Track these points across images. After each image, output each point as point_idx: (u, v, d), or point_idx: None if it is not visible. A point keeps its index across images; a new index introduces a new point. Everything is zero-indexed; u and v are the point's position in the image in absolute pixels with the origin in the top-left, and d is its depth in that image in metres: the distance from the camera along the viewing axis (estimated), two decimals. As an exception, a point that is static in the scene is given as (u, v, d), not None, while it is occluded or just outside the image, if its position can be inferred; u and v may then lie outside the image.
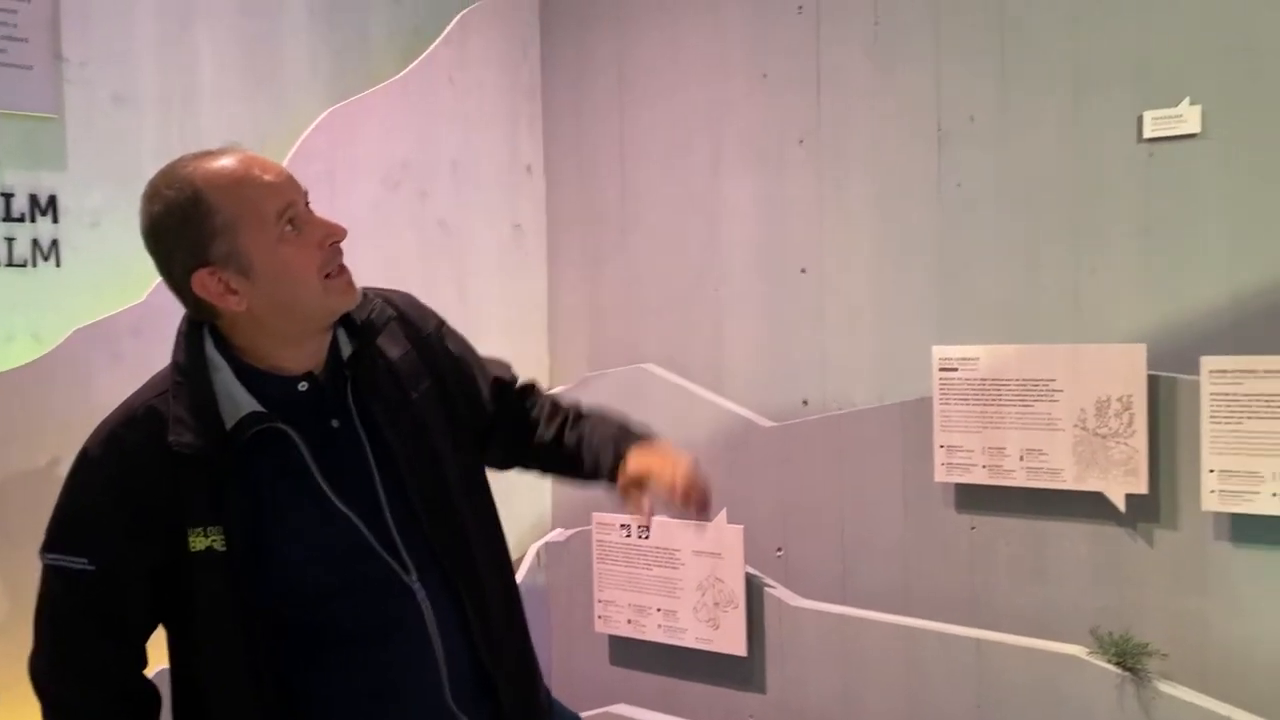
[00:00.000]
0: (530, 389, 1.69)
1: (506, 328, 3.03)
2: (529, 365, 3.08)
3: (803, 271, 2.74)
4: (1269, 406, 2.12)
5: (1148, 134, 2.29)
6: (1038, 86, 2.41)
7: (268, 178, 1.32)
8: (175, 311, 1.39)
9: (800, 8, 2.70)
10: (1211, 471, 2.18)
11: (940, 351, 2.48)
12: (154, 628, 1.40)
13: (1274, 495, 2.12)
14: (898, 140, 2.59)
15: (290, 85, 2.62)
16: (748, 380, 2.82)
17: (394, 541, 1.38)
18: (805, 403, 2.75)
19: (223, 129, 2.42)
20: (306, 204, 1.35)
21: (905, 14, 2.56)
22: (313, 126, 2.60)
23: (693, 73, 2.88)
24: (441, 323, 1.58)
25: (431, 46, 2.88)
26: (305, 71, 2.65)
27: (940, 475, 2.49)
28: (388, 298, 1.51)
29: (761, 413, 2.79)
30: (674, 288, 2.94)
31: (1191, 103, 2.24)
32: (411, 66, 2.83)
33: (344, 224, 1.37)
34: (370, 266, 1.51)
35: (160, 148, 2.28)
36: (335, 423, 1.38)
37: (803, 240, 2.73)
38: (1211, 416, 2.17)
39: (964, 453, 2.45)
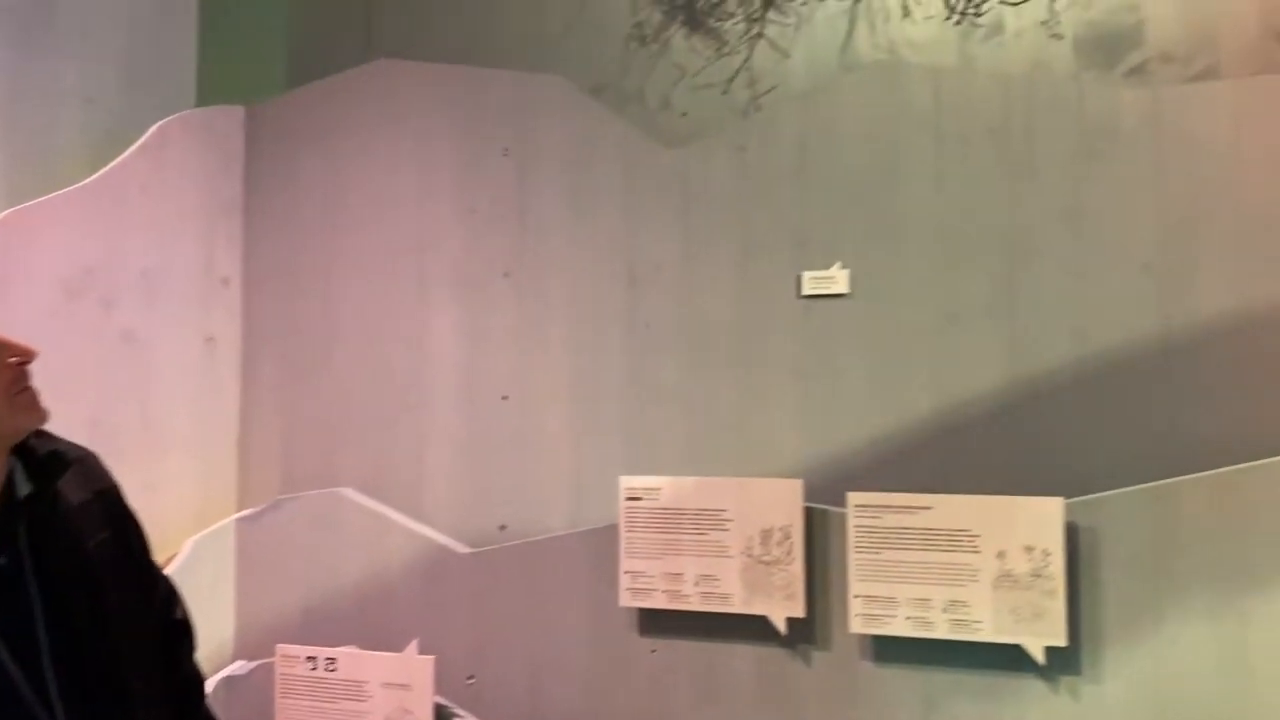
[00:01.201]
0: (185, 631, 1.64)
1: (193, 446, 2.90)
2: (217, 486, 2.95)
3: (504, 399, 2.83)
4: (902, 538, 2.40)
5: (805, 291, 2.58)
6: (715, 244, 2.66)
7: None
8: None
9: (506, 150, 2.85)
10: (857, 597, 2.42)
11: (626, 481, 2.62)
12: None
13: (907, 618, 2.38)
14: (594, 280, 2.76)
15: (-45, 184, 2.44)
16: (447, 505, 2.85)
17: (48, 692, 1.30)
18: (503, 528, 2.80)
19: None
20: None
21: (601, 167, 2.77)
22: (-19, 230, 2.43)
23: (403, 200, 2.94)
24: (120, 487, 1.55)
25: (126, 153, 2.78)
26: (-25, 171, 2.49)
27: (625, 600, 2.60)
28: (72, 444, 1.48)
29: (459, 538, 2.81)
30: (375, 410, 2.93)
31: (841, 266, 2.56)
32: (102, 172, 2.72)
33: (13, 333, 1.36)
34: (42, 380, 1.44)
35: None
36: (2, 560, 1.32)
37: (504, 368, 2.83)
38: (856, 546, 2.43)
39: (646, 578, 2.58)
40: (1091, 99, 2.41)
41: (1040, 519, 2.29)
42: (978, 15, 2.55)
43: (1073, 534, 2.30)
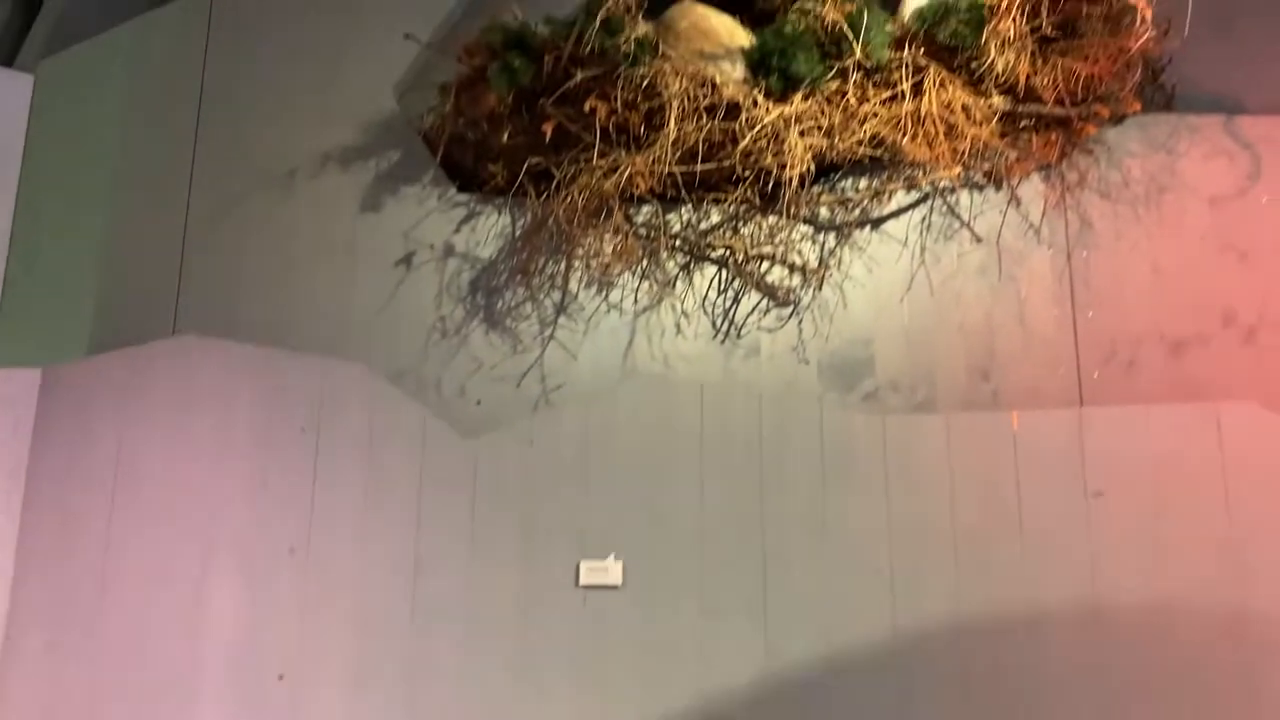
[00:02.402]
0: None
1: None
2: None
3: (280, 678, 2.80)
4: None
5: (583, 581, 2.74)
6: (500, 532, 2.81)
7: None
8: None
9: (303, 429, 2.96)
10: None
11: (398, 772, 2.63)
12: None
13: None
14: (380, 562, 2.84)
15: None
16: (209, 792, 2.75)
17: None
18: (267, 817, 2.72)
19: None
20: None
21: (396, 451, 2.91)
22: None
23: (195, 471, 2.97)
24: None
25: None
26: None
27: None
28: None
29: (219, 829, 2.70)
30: (142, 686, 2.84)
31: (616, 559, 2.75)
32: None
33: None
34: None
35: None
36: None
37: (282, 646, 2.82)
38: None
39: None
40: (831, 421, 2.75)
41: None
42: (739, 337, 2.90)
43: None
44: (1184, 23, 2.66)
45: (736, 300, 2.91)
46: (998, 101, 2.72)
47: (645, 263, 2.94)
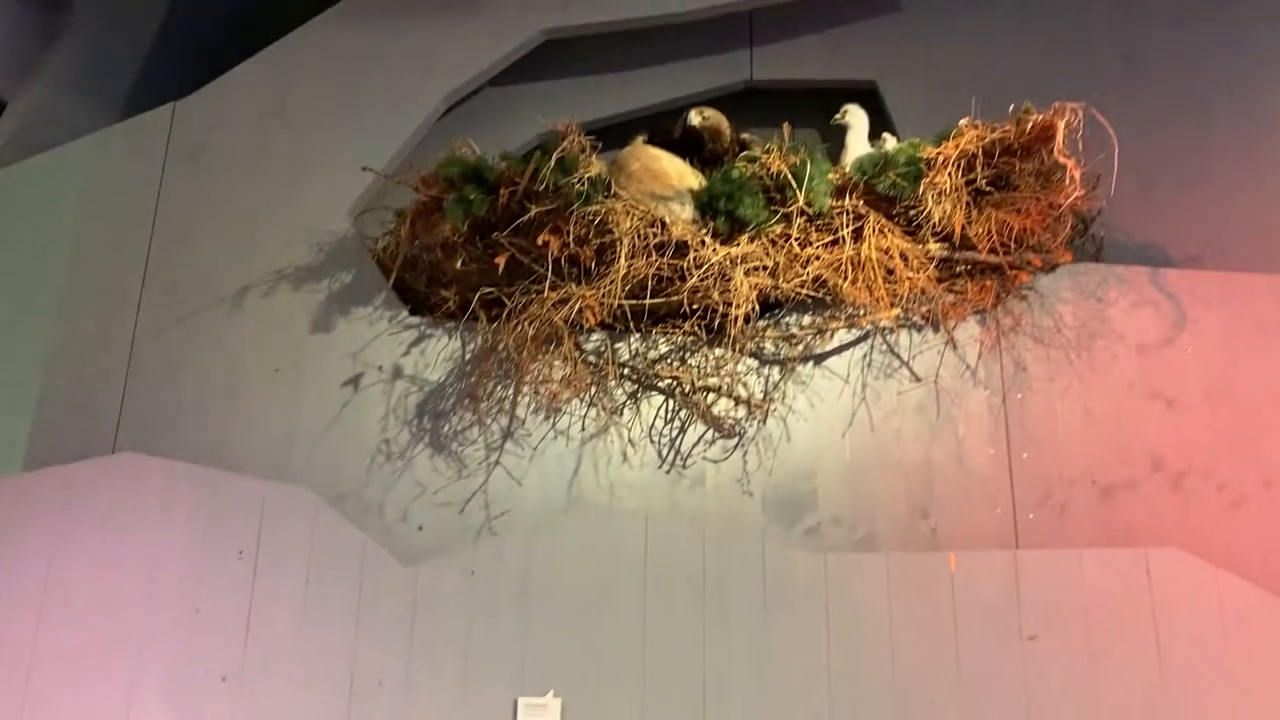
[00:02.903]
0: None
1: None
2: None
3: (204, 814, 2.71)
4: None
5: (520, 718, 2.70)
6: (438, 663, 2.77)
7: None
8: None
9: (241, 553, 2.92)
10: None
11: None
12: None
13: None
14: (315, 690, 2.78)
15: None
16: None
17: None
18: None
19: None
20: None
21: (335, 576, 2.87)
22: None
23: (126, 593, 2.89)
24: None
25: None
26: None
27: None
28: None
29: None
30: (58, 824, 2.73)
31: (555, 695, 2.71)
32: None
33: None
34: None
35: None
36: None
37: (209, 781, 2.73)
38: None
39: None
40: (774, 556, 2.77)
41: None
42: (685, 467, 2.93)
43: None
44: (1110, 181, 2.80)
45: (683, 430, 2.95)
46: (934, 249, 2.83)
47: (593, 390, 2.98)
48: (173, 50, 3.93)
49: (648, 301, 2.84)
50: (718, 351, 2.94)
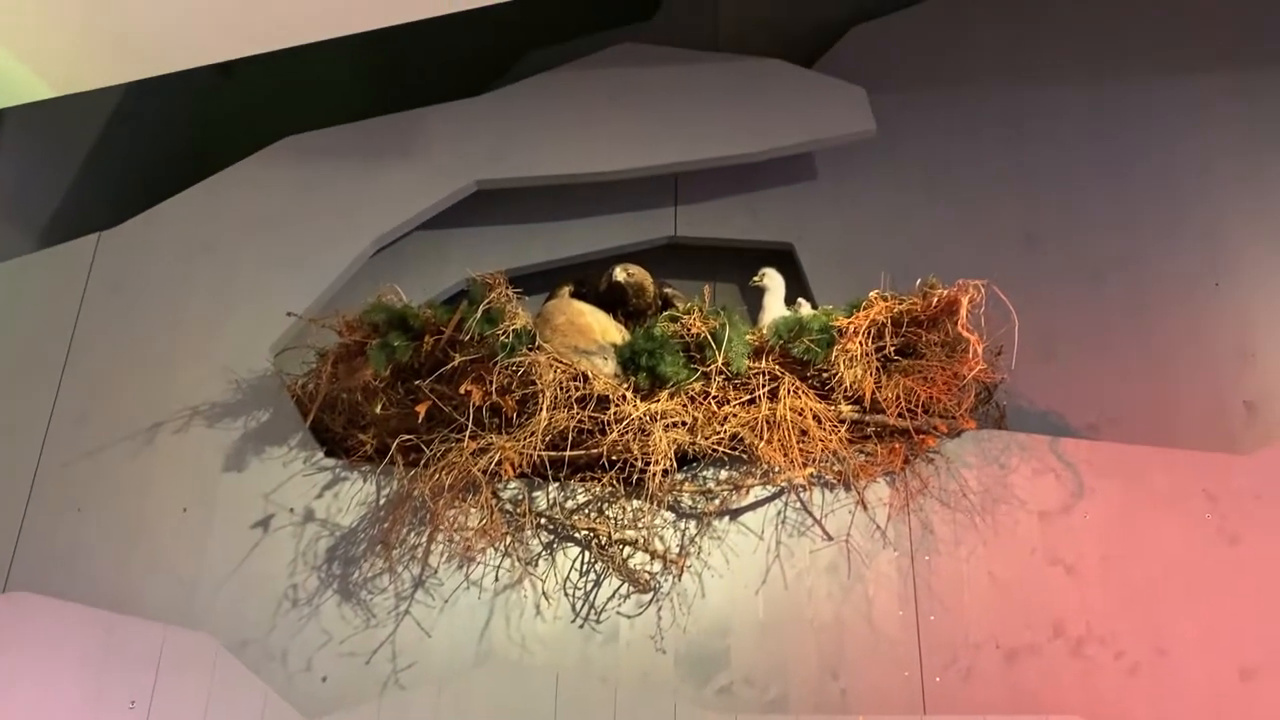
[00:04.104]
0: None
1: None
2: None
3: None
4: None
5: None
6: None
7: None
8: None
9: (133, 702, 2.78)
10: None
11: None
12: None
13: None
14: None
15: None
16: None
17: None
18: None
19: None
20: None
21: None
22: None
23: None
24: None
25: None
26: None
27: None
28: None
29: None
30: None
31: None
32: None
33: None
34: None
35: None
36: None
37: None
38: None
39: None
40: (685, 717, 2.75)
41: None
42: (598, 621, 2.91)
43: None
44: (1012, 353, 2.95)
45: (598, 583, 2.94)
46: (846, 411, 2.93)
47: (509, 540, 2.96)
48: (101, 180, 3.93)
49: (568, 453, 2.86)
50: (635, 503, 2.96)
